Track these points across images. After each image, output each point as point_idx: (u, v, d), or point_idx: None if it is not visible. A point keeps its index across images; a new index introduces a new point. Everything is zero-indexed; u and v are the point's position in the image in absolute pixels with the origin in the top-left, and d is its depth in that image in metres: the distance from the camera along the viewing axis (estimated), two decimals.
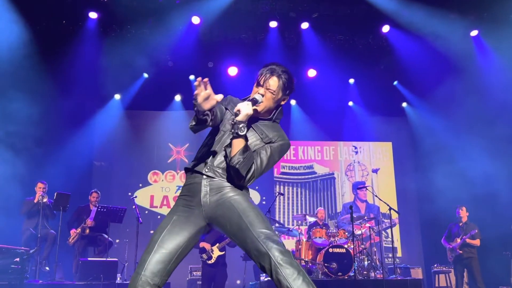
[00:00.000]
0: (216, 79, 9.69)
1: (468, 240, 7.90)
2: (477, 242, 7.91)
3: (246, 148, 2.30)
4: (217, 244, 7.52)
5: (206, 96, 2.16)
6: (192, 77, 10.12)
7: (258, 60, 8.77)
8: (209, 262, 7.28)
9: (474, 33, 8.89)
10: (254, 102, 2.41)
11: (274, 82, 2.47)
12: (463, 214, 8.23)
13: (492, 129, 8.77)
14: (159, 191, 10.39)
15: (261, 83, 2.48)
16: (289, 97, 2.59)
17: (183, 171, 10.11)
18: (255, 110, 2.42)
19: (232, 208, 2.31)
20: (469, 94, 9.11)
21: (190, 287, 8.47)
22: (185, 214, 2.38)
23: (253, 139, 2.46)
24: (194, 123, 2.35)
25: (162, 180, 10.46)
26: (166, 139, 10.56)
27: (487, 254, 8.14)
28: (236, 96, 2.69)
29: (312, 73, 9.96)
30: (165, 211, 10.26)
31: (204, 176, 2.38)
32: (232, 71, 9.77)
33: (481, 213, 8.52)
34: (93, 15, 8.47)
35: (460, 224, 8.22)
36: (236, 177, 2.33)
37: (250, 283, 8.21)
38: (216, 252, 7.38)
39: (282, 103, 2.58)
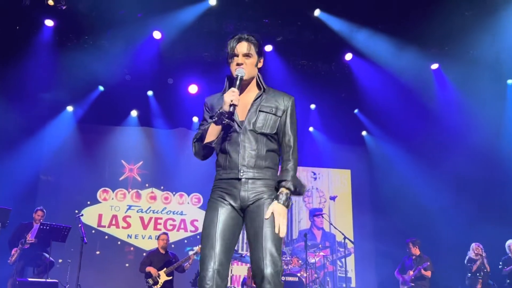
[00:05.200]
0: (176, 96, 9.85)
1: (422, 271, 8.20)
2: (428, 273, 8.22)
3: (290, 187, 2.55)
4: (165, 269, 7.64)
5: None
6: (150, 92, 10.14)
7: (219, 79, 8.80)
8: (155, 287, 7.39)
9: (434, 66, 9.33)
10: (239, 79, 2.61)
11: (246, 46, 2.67)
12: (415, 251, 8.51)
13: (449, 164, 9.23)
14: (108, 209, 10.27)
15: (235, 52, 2.67)
16: (262, 59, 2.79)
17: (136, 190, 10.34)
18: (244, 85, 2.67)
19: (259, 211, 2.50)
20: (428, 127, 9.60)
21: None
22: (227, 206, 2.55)
23: (269, 118, 2.66)
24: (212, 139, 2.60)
25: (112, 199, 10.35)
26: (119, 155, 10.50)
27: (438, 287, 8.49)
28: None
29: None
30: (113, 231, 10.18)
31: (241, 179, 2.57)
32: (193, 89, 9.90)
33: (436, 247, 8.93)
34: (49, 22, 8.43)
35: (413, 257, 8.52)
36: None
37: None
38: (163, 277, 7.49)
39: (259, 65, 2.77)
